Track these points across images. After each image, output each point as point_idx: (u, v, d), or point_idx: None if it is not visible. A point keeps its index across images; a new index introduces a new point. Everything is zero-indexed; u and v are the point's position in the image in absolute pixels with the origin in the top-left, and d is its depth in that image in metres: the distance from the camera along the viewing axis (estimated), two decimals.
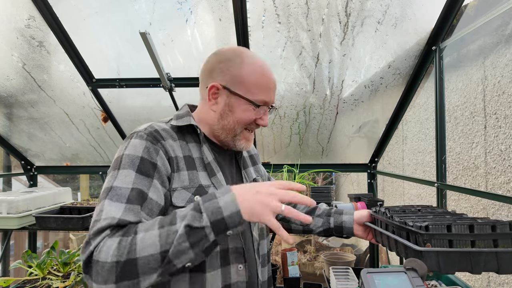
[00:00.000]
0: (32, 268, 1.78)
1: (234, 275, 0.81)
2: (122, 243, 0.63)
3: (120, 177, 0.72)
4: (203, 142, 0.88)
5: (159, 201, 0.75)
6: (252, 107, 0.85)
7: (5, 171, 3.34)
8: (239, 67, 0.85)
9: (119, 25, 1.72)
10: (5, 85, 1.93)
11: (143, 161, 0.74)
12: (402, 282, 0.64)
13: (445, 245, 0.75)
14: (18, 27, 1.63)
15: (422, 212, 0.98)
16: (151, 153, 0.76)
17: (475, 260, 0.73)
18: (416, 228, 0.77)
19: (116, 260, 0.61)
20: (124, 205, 0.68)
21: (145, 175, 0.74)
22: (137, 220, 0.69)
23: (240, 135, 0.89)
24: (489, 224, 0.76)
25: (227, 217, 0.64)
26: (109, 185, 0.71)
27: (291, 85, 1.87)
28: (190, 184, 0.80)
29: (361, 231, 1.07)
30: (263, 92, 0.86)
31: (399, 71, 1.77)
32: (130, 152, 0.75)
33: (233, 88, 0.85)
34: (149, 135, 0.79)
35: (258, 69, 0.86)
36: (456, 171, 1.98)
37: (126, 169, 0.73)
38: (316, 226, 1.10)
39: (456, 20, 1.50)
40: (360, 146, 2.28)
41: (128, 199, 0.69)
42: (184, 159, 0.82)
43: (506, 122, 1.57)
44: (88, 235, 0.66)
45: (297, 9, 1.52)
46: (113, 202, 0.69)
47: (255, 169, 1.06)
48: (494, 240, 0.76)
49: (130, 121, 2.20)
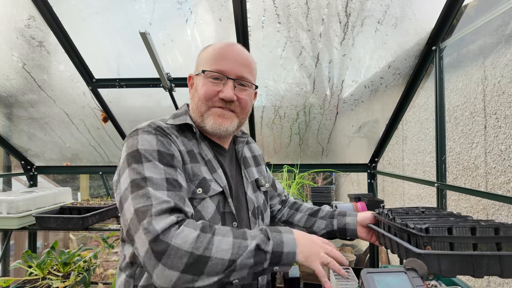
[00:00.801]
0: (32, 268, 1.78)
1: None
2: (200, 238, 0.65)
3: (148, 169, 0.72)
4: (200, 140, 0.89)
5: (186, 187, 0.77)
6: (209, 79, 0.85)
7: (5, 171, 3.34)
8: (203, 52, 0.90)
9: (119, 25, 1.72)
10: (5, 85, 1.93)
11: (161, 154, 0.76)
12: (402, 282, 0.64)
13: (446, 247, 0.74)
14: (18, 27, 1.63)
15: (426, 214, 0.97)
16: (165, 145, 0.78)
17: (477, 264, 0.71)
18: (417, 230, 0.77)
19: (192, 251, 0.63)
20: (167, 192, 0.70)
21: (169, 166, 0.75)
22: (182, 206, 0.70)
23: (206, 113, 0.87)
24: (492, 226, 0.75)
25: (285, 253, 0.70)
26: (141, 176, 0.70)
27: (291, 85, 1.87)
28: (194, 176, 0.81)
29: (364, 233, 1.06)
30: (217, 62, 0.85)
31: (399, 71, 1.76)
32: (145, 147, 0.75)
33: (196, 71, 0.90)
34: (156, 130, 0.80)
35: (217, 46, 0.88)
36: (456, 171, 1.98)
37: (150, 162, 0.73)
38: (319, 228, 1.09)
39: (456, 20, 1.50)
40: (360, 146, 2.28)
41: (167, 188, 0.71)
42: (188, 153, 0.83)
43: (506, 122, 1.57)
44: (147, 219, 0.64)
45: (297, 9, 1.52)
46: (157, 190, 0.69)
47: (258, 170, 1.06)
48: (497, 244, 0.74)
49: (130, 121, 2.20)
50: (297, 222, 1.13)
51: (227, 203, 0.85)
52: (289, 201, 1.22)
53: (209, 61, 0.86)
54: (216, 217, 0.82)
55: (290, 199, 1.24)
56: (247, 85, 0.89)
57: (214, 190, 0.83)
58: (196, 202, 0.80)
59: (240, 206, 0.90)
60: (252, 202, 0.94)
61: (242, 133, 1.06)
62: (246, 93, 0.89)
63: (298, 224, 1.13)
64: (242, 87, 0.88)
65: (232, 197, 0.88)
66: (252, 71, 0.91)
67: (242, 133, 1.06)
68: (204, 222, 0.71)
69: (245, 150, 1.07)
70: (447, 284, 1.17)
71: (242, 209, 0.91)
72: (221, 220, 0.83)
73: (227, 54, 0.86)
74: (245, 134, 1.07)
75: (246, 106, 0.90)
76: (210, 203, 0.82)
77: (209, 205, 0.81)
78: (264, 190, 1.03)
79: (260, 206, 0.98)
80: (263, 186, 1.01)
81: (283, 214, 1.18)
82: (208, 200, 0.81)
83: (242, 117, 0.92)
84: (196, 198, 0.80)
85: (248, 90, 0.90)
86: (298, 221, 1.13)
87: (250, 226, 0.90)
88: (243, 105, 0.89)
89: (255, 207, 0.94)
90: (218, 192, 0.84)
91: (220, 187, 0.84)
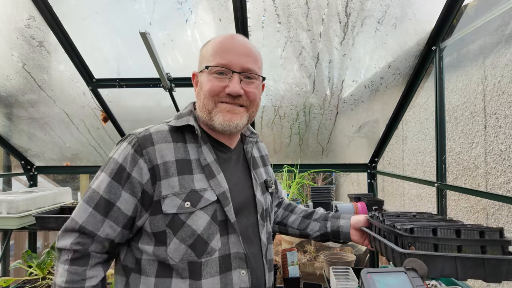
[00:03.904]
0: (32, 268, 1.78)
1: (236, 281, 0.79)
2: None
3: (98, 180, 0.78)
4: (202, 143, 0.84)
5: (126, 212, 0.77)
6: (214, 75, 0.82)
7: (5, 171, 3.34)
8: (204, 48, 0.89)
9: (119, 25, 1.72)
10: (5, 85, 1.93)
11: (120, 169, 0.77)
12: (402, 282, 0.64)
13: (431, 249, 0.74)
14: (18, 27, 1.63)
15: (417, 218, 0.96)
16: (129, 162, 0.77)
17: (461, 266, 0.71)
18: (402, 230, 0.77)
19: None
20: (90, 210, 0.77)
21: (118, 183, 0.77)
22: (95, 232, 0.76)
23: (214, 110, 0.83)
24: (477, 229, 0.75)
25: None
26: (91, 185, 0.79)
27: (291, 85, 1.87)
28: (180, 189, 0.77)
29: (357, 236, 1.05)
30: (219, 55, 0.82)
31: (399, 71, 1.76)
32: (115, 157, 0.79)
33: (200, 68, 0.88)
34: (138, 141, 0.79)
35: (218, 39, 0.86)
36: (456, 171, 1.98)
37: (105, 174, 0.78)
38: (313, 231, 1.08)
39: (456, 20, 1.50)
40: (360, 146, 2.28)
41: (96, 205, 0.76)
42: (176, 163, 0.79)
43: (506, 122, 1.57)
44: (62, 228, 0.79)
45: (297, 9, 1.52)
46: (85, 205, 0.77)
47: (265, 170, 1.04)
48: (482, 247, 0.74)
49: (130, 121, 2.20)
50: (291, 224, 1.12)
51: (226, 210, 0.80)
52: (284, 203, 1.21)
53: (212, 56, 0.83)
54: (211, 228, 0.78)
55: (285, 200, 1.23)
56: (253, 77, 0.85)
57: (206, 201, 0.78)
58: (184, 216, 0.76)
59: (246, 209, 0.87)
60: (261, 204, 0.90)
61: (251, 133, 1.01)
62: (253, 85, 0.85)
63: (292, 225, 1.12)
64: (249, 80, 0.84)
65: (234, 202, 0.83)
66: (257, 61, 0.86)
67: (251, 132, 1.01)
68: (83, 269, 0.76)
69: (254, 150, 1.03)
70: (447, 284, 1.17)
71: (249, 212, 0.88)
72: (219, 229, 0.79)
73: (228, 46, 0.83)
74: (255, 134, 1.02)
75: (255, 99, 0.86)
76: (202, 215, 0.77)
77: (200, 218, 0.77)
78: (271, 191, 1.00)
79: (268, 208, 0.96)
80: (270, 187, 0.99)
81: (278, 215, 1.17)
82: (198, 213, 0.77)
83: (252, 111, 0.87)
84: (182, 212, 0.76)
85: (255, 82, 0.86)
86: (292, 222, 1.12)
87: (258, 229, 0.88)
88: (252, 99, 0.85)
89: (263, 209, 0.91)
90: (211, 202, 0.79)
91: (215, 196, 0.79)
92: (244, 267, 0.80)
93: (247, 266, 0.81)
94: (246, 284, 0.80)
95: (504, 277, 0.70)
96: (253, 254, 0.84)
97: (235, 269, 0.79)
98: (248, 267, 0.81)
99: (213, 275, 0.76)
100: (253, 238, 0.86)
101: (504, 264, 0.71)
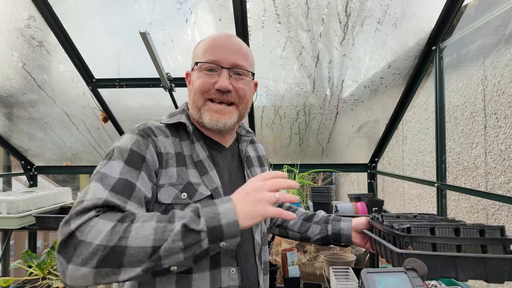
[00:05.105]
0: (32, 268, 1.78)
1: (225, 279, 0.78)
2: (116, 228, 0.60)
3: (109, 166, 0.72)
4: (195, 139, 0.85)
5: (147, 193, 0.74)
6: (203, 72, 0.83)
7: (5, 171, 3.34)
8: (197, 47, 0.90)
9: (119, 25, 1.72)
10: (5, 85, 1.93)
11: (132, 153, 0.74)
12: (402, 282, 0.64)
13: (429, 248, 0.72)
14: (18, 27, 1.63)
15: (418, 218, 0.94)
16: (140, 145, 0.76)
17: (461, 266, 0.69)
18: (399, 230, 0.75)
19: (104, 244, 0.58)
20: (109, 190, 0.67)
21: (133, 167, 0.73)
22: (124, 205, 0.67)
23: (203, 107, 0.84)
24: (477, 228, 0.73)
25: (225, 225, 0.63)
26: (98, 170, 0.72)
27: (291, 85, 1.87)
28: (178, 180, 0.78)
29: (359, 239, 1.03)
30: (209, 52, 0.83)
31: (399, 71, 1.77)
32: (120, 145, 0.76)
33: (191, 66, 0.89)
34: (140, 131, 0.79)
35: (209, 38, 0.87)
36: (456, 171, 1.98)
37: (115, 160, 0.73)
38: (313, 234, 1.07)
39: (456, 20, 1.50)
40: (360, 146, 2.28)
41: (113, 187, 0.68)
42: (175, 156, 0.81)
43: (506, 122, 1.57)
44: (70, 213, 0.63)
45: (297, 9, 1.52)
46: (100, 184, 0.67)
47: (262, 170, 1.03)
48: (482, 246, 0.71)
49: (130, 121, 2.20)
50: (291, 227, 1.12)
51: None
52: (284, 206, 1.20)
53: (202, 54, 0.84)
54: None
55: (285, 204, 1.22)
56: (243, 73, 0.85)
57: (201, 195, 0.79)
58: (180, 207, 0.75)
59: None
60: None
61: (247, 132, 1.01)
62: (243, 81, 0.85)
63: (292, 229, 1.11)
64: (238, 76, 0.84)
65: None
66: (247, 58, 0.86)
67: (246, 131, 1.01)
68: (128, 212, 0.65)
69: (250, 149, 1.02)
70: (447, 284, 1.17)
71: None
72: None
73: (219, 44, 0.84)
74: (250, 133, 1.02)
75: (245, 95, 0.85)
76: None
77: None
78: None
79: None
80: None
81: (278, 218, 1.16)
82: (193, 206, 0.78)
83: (242, 108, 0.87)
84: (178, 203, 0.76)
85: (245, 78, 0.85)
86: (293, 225, 1.12)
87: (251, 228, 0.87)
88: (242, 95, 0.84)
89: None
90: (206, 196, 0.79)
91: (208, 191, 0.80)
92: (234, 265, 0.80)
93: (237, 265, 0.80)
94: (235, 282, 0.79)
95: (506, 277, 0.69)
96: (245, 254, 0.84)
97: (224, 266, 0.79)
98: (238, 265, 0.80)
99: (203, 270, 0.76)
100: (246, 237, 0.86)
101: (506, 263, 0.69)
